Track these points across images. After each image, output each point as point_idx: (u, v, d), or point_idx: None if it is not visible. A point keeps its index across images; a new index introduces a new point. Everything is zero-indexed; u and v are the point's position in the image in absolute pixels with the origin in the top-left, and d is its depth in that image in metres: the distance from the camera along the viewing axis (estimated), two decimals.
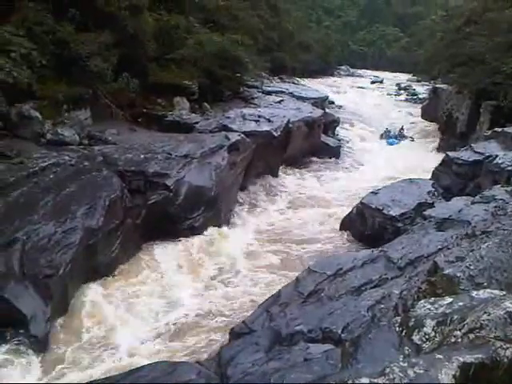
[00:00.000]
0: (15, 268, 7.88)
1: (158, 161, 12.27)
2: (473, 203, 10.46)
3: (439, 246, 8.02)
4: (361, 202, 12.79)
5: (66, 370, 7.37)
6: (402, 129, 27.30)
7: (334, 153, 21.82)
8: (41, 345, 7.49)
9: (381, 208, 12.07)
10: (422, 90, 40.49)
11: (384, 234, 11.22)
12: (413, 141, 26.41)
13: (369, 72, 60.51)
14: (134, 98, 17.02)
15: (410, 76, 53.92)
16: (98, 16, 15.77)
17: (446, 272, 6.00)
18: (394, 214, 11.76)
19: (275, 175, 17.86)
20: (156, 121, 16.84)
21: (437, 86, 30.41)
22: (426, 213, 10.80)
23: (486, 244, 6.77)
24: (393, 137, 26.39)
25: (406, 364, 2.14)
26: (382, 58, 70.93)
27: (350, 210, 13.20)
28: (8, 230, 8.37)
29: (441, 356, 2.19)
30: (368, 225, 12.14)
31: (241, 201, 15.07)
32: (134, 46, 16.82)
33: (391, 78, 53.32)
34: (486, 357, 2.19)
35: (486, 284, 5.55)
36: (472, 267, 5.96)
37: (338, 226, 13.23)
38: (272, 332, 6.41)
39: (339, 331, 6.08)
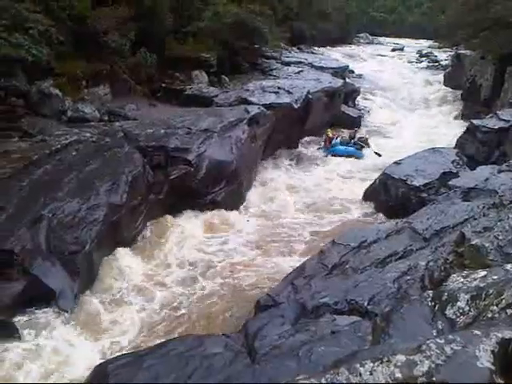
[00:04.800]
0: (42, 245, 7.99)
1: (178, 136, 12.24)
2: (499, 172, 10.26)
3: (465, 217, 7.89)
4: (384, 173, 12.63)
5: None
6: (354, 136, 18.52)
7: (355, 123, 21.50)
8: (69, 317, 7.63)
9: (404, 178, 11.90)
10: (444, 56, 39.44)
11: (408, 205, 11.07)
12: (379, 156, 17.33)
13: (389, 39, 59.07)
14: (152, 73, 16.95)
15: (431, 42, 52.59)
16: None
17: (474, 243, 5.91)
18: (417, 184, 11.60)
19: (295, 148, 17.71)
20: (175, 95, 16.79)
21: (460, 52, 29.60)
22: (451, 182, 10.64)
23: None
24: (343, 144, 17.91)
25: (442, 340, 2.09)
26: (403, 25, 69.00)
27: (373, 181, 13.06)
28: (34, 208, 8.47)
29: (478, 332, 2.14)
30: (391, 196, 12.00)
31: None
32: (151, 20, 16.69)
33: (412, 45, 52.02)
34: None
35: None
36: (500, 237, 5.86)
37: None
38: (297, 304, 6.44)
39: (365, 303, 6.08)
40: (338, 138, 18.13)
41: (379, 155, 17.24)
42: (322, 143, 18.14)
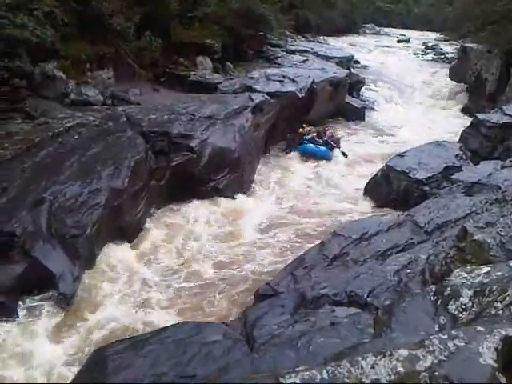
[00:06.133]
0: (43, 228, 7.97)
1: (181, 122, 12.19)
2: (503, 167, 10.22)
3: (468, 211, 7.86)
4: (386, 165, 12.58)
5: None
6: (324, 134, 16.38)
7: (359, 114, 21.41)
8: (68, 301, 7.63)
9: (407, 171, 11.85)
10: (450, 49, 39.20)
11: (410, 198, 11.06)
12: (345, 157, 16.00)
13: (395, 30, 58.60)
14: (156, 58, 16.83)
15: (437, 35, 52.19)
16: None
17: (476, 238, 5.89)
18: (420, 178, 11.55)
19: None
20: (179, 81, 16.68)
21: (466, 45, 29.37)
22: (454, 176, 10.62)
23: None
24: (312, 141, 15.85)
25: (445, 336, 2.08)
26: (410, 16, 68.60)
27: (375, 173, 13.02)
28: (35, 190, 8.45)
29: (482, 328, 2.13)
30: (393, 188, 11.97)
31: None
32: (157, 4, 16.55)
33: (418, 37, 51.69)
34: None
35: None
36: (503, 233, 5.84)
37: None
38: (297, 294, 6.43)
39: (365, 295, 6.06)
40: (309, 136, 16.06)
41: (346, 156, 15.95)
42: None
